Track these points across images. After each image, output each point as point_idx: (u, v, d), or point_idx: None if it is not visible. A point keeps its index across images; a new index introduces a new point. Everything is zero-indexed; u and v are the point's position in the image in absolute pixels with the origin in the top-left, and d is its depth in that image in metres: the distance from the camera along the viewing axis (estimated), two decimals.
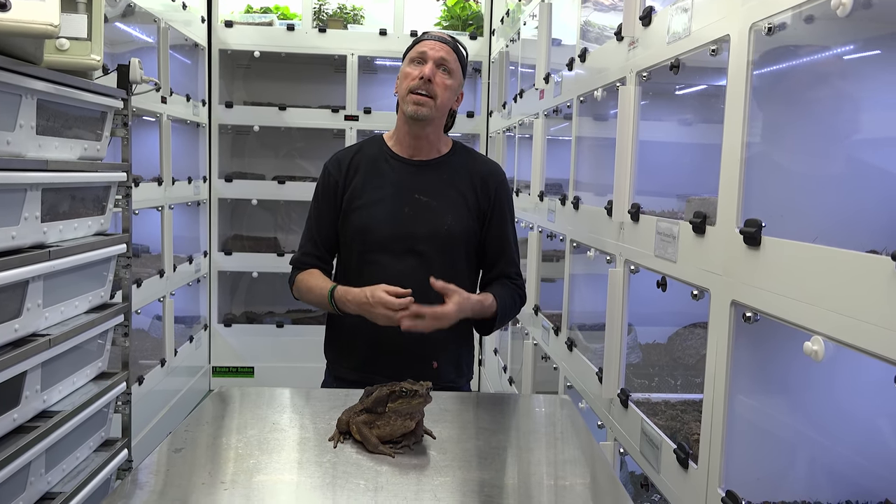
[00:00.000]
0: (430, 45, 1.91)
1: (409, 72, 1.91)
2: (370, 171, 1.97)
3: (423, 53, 1.90)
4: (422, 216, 1.92)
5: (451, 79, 1.92)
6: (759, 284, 1.30)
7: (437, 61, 1.89)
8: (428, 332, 1.79)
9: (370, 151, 2.01)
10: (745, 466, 1.41)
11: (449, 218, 1.93)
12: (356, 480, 1.27)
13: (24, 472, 1.75)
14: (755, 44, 1.36)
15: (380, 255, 1.91)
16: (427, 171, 1.97)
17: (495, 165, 2.08)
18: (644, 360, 2.30)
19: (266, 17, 4.91)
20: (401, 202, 1.93)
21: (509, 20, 4.23)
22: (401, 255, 1.90)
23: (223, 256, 4.92)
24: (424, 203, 1.93)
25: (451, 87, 1.92)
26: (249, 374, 4.97)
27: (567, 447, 1.54)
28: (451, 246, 1.94)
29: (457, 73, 1.94)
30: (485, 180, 1.99)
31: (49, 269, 1.81)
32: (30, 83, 1.74)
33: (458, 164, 2.00)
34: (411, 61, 1.92)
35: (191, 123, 4.51)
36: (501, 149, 4.34)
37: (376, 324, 1.79)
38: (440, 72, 1.90)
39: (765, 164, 1.42)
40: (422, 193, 1.93)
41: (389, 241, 1.91)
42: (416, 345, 1.88)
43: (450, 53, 1.92)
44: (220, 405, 1.70)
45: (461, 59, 1.96)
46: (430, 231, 1.91)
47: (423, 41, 1.93)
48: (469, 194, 1.96)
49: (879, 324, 0.98)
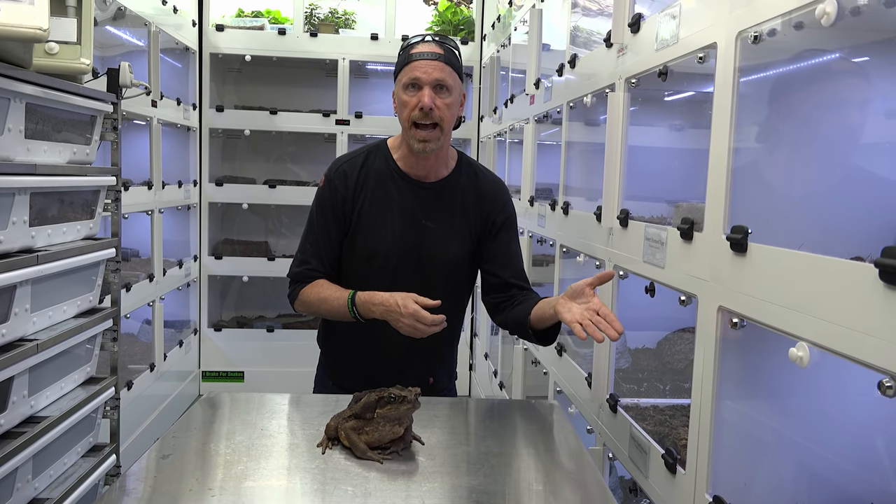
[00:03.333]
0: (422, 69, 1.80)
1: (406, 100, 1.82)
2: (378, 190, 1.91)
3: (416, 80, 1.80)
4: (428, 243, 1.90)
5: (451, 96, 1.83)
6: (745, 291, 1.31)
7: (434, 84, 1.80)
8: (428, 347, 1.83)
9: (376, 166, 1.93)
10: (732, 471, 1.42)
11: (455, 246, 1.92)
12: (345, 486, 1.27)
13: (11, 477, 1.74)
14: (742, 51, 1.37)
15: (383, 279, 1.87)
16: (435, 195, 1.93)
17: (500, 184, 2.03)
18: (633, 365, 2.30)
19: (257, 22, 4.90)
20: (409, 227, 1.89)
21: (500, 25, 4.25)
22: (404, 277, 1.88)
23: (213, 260, 4.90)
24: (432, 229, 1.90)
25: (453, 103, 1.84)
26: (239, 379, 4.95)
27: (556, 452, 1.54)
28: (454, 270, 1.94)
29: (455, 85, 1.85)
30: (492, 202, 1.96)
31: (37, 274, 1.80)
32: (18, 87, 1.73)
33: (465, 186, 1.95)
34: (406, 88, 1.82)
35: (181, 127, 4.50)
36: (492, 154, 4.35)
37: (375, 343, 1.84)
38: (439, 94, 1.81)
39: (752, 171, 1.43)
40: (429, 219, 1.90)
41: (395, 265, 1.89)
42: (417, 362, 1.90)
43: (444, 69, 1.81)
44: (209, 411, 1.70)
45: (457, 67, 1.87)
46: (436, 257, 1.90)
47: (413, 62, 1.81)
48: (474, 217, 1.94)
49: (863, 330, 0.99)
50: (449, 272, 1.93)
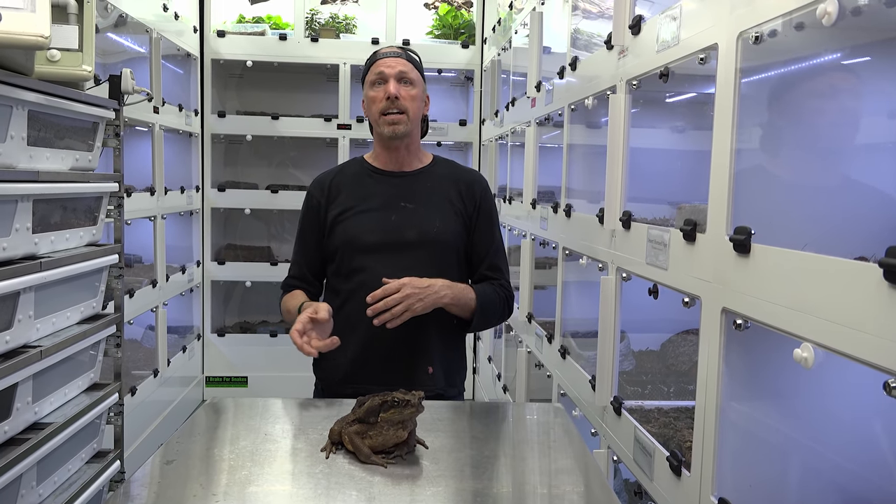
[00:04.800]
0: (385, 64, 1.95)
1: (373, 95, 1.96)
2: (354, 187, 2.01)
3: (381, 74, 1.95)
4: (409, 221, 1.94)
5: (414, 88, 1.96)
6: (749, 292, 1.30)
7: (398, 76, 1.93)
8: (419, 336, 1.86)
9: (351, 170, 2.06)
10: (737, 473, 1.41)
11: (437, 221, 1.95)
12: (349, 491, 1.27)
13: (16, 484, 1.74)
14: (743, 52, 1.37)
15: (367, 261, 1.91)
16: (411, 181, 2.00)
17: (478, 174, 2.12)
18: (637, 368, 2.30)
19: (258, 27, 4.91)
20: (388, 210, 1.95)
21: (501, 29, 4.25)
22: (389, 260, 1.90)
23: (216, 266, 4.91)
24: (412, 209, 1.95)
25: (417, 96, 1.96)
26: (243, 384, 4.95)
27: (560, 455, 1.54)
28: (442, 249, 1.94)
29: (418, 80, 1.98)
30: (469, 186, 2.02)
31: (40, 281, 1.80)
32: (21, 94, 1.74)
33: (441, 173, 2.04)
34: (373, 84, 1.96)
35: (183, 133, 4.50)
36: (494, 157, 4.35)
37: (365, 333, 1.84)
38: (403, 86, 1.94)
39: (754, 172, 1.43)
40: (408, 201, 1.97)
41: (377, 246, 1.92)
42: (408, 350, 1.89)
43: (406, 65, 1.96)
44: (213, 416, 1.69)
45: (418, 66, 2.00)
46: (419, 234, 1.92)
47: (377, 61, 1.98)
48: (455, 199, 1.99)
49: (868, 331, 0.99)
50: (437, 252, 1.94)
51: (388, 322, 1.75)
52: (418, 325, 1.82)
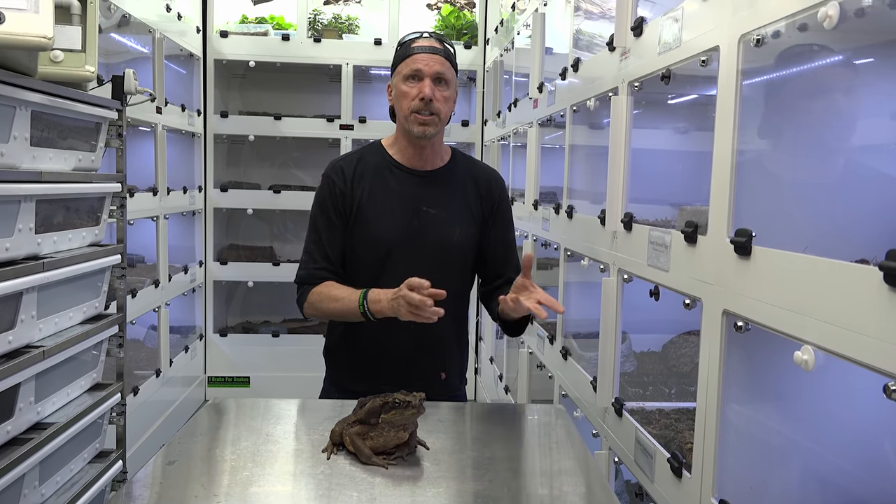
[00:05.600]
0: (423, 62, 1.85)
1: (406, 91, 1.86)
2: (375, 181, 1.93)
3: (418, 71, 1.85)
4: (430, 227, 1.91)
5: (448, 89, 1.89)
6: (749, 294, 1.30)
7: (434, 77, 1.85)
8: (437, 338, 1.86)
9: (372, 160, 1.96)
10: (738, 475, 1.41)
11: (457, 229, 1.93)
12: (350, 492, 1.27)
13: (18, 484, 1.74)
14: (744, 54, 1.37)
15: (389, 267, 1.89)
16: (432, 183, 1.96)
17: (495, 172, 2.11)
18: (638, 369, 2.30)
19: (261, 28, 4.92)
20: (409, 214, 1.91)
21: (503, 29, 4.25)
22: (410, 265, 1.87)
23: (219, 266, 4.91)
24: (433, 215, 1.92)
25: (450, 97, 1.90)
26: (245, 384, 4.96)
27: (561, 457, 1.54)
28: (458, 253, 1.95)
29: (453, 80, 1.91)
30: (489, 185, 2.00)
31: (43, 281, 1.81)
32: (24, 95, 1.74)
33: (461, 172, 2.00)
34: (406, 79, 1.87)
35: (186, 133, 4.51)
36: (496, 157, 4.35)
37: (385, 339, 1.84)
38: (438, 87, 1.86)
39: (756, 174, 1.43)
40: (429, 206, 1.92)
41: (399, 252, 1.89)
42: (426, 356, 1.90)
43: (444, 63, 1.87)
44: (214, 417, 1.70)
45: (454, 64, 1.93)
46: (440, 242, 1.91)
47: (414, 55, 1.87)
48: (473, 202, 1.97)
49: (868, 334, 0.99)
50: (455, 259, 1.94)
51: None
52: (437, 330, 1.78)
